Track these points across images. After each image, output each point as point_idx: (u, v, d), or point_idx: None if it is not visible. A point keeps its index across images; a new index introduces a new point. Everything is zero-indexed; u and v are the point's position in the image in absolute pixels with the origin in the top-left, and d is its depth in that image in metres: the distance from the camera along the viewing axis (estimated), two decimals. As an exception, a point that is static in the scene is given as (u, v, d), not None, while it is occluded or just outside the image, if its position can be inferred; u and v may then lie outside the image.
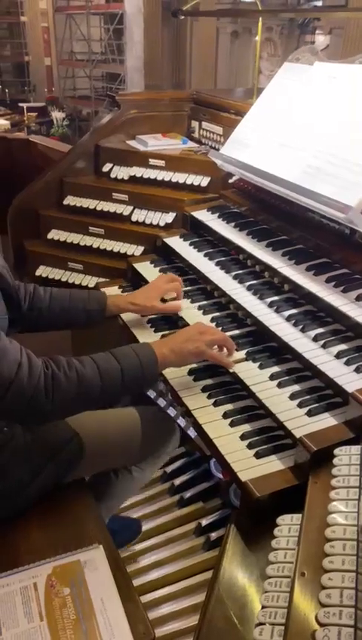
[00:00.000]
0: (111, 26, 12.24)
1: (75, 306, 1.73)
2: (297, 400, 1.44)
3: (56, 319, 1.73)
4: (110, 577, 1.36)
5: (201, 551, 2.07)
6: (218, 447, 1.40)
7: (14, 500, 1.49)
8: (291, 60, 2.10)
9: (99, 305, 1.76)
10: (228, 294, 1.84)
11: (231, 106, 2.44)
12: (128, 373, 1.40)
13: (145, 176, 2.53)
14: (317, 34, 12.63)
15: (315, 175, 1.67)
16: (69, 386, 1.32)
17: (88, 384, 1.34)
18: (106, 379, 1.37)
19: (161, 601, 1.92)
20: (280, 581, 1.10)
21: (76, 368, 1.34)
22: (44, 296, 1.72)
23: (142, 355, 1.44)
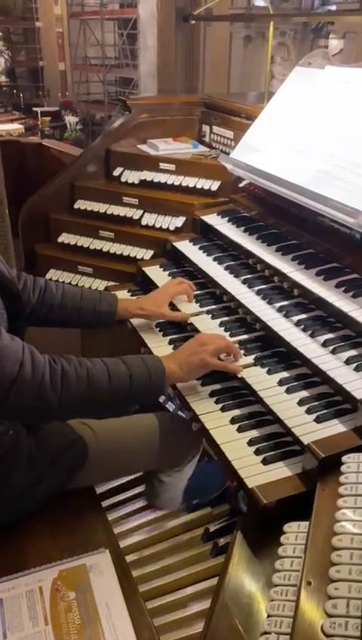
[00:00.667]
0: (125, 31, 12.32)
1: (86, 306, 1.73)
2: (306, 406, 1.43)
3: (66, 316, 1.72)
4: (116, 582, 1.36)
5: (209, 557, 2.05)
6: (225, 452, 1.39)
7: (18, 504, 1.48)
8: (302, 63, 2.09)
9: (110, 307, 1.75)
10: (237, 299, 1.83)
11: (242, 110, 2.44)
12: (136, 381, 1.40)
13: (156, 180, 2.53)
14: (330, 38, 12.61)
15: (325, 179, 1.66)
16: (79, 384, 1.32)
17: (97, 385, 1.35)
18: (115, 382, 1.37)
19: (167, 607, 1.90)
20: (286, 590, 1.09)
21: (87, 367, 1.35)
22: (56, 292, 1.72)
23: (151, 366, 1.45)
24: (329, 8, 11.47)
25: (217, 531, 2.09)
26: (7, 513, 1.48)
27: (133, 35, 12.09)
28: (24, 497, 1.48)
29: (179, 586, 1.96)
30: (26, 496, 1.48)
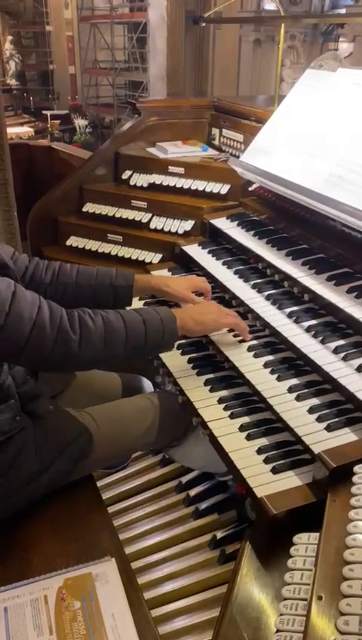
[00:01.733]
0: (134, 34, 12.33)
1: (102, 282, 1.69)
2: (316, 414, 1.40)
3: (82, 294, 1.69)
4: (122, 592, 1.33)
5: (216, 564, 2.02)
6: (233, 461, 1.37)
7: (24, 492, 1.48)
8: (314, 66, 2.07)
9: (126, 281, 1.71)
10: (246, 304, 1.80)
11: (252, 113, 2.42)
12: (149, 324, 1.45)
13: (165, 183, 2.52)
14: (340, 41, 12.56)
15: (337, 183, 1.64)
16: (96, 327, 1.35)
17: (113, 328, 1.38)
18: (130, 327, 1.41)
19: (173, 615, 1.87)
20: (296, 604, 1.06)
21: (101, 314, 1.38)
22: (71, 272, 1.70)
23: (161, 312, 1.51)
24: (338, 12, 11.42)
25: (224, 538, 2.06)
26: (12, 500, 1.47)
27: (142, 38, 12.10)
28: (31, 483, 1.48)
29: (184, 594, 1.93)
30: (33, 482, 1.48)
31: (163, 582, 1.98)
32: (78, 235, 2.59)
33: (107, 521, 1.56)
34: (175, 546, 2.10)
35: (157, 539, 2.12)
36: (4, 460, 1.44)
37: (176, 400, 1.76)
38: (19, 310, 1.27)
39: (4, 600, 1.31)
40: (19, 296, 1.29)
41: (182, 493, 2.30)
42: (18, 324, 1.27)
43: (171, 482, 2.31)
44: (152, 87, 12.14)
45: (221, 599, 1.85)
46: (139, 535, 2.12)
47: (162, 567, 2.04)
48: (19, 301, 1.28)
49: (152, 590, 1.94)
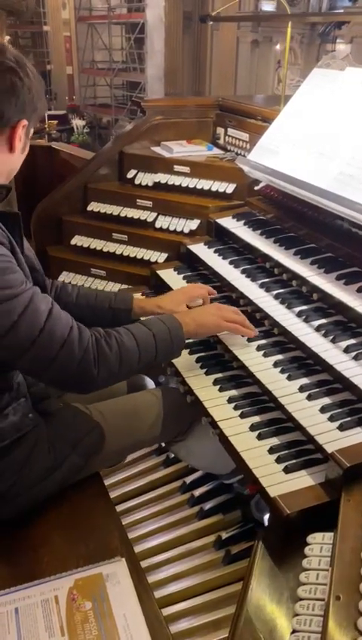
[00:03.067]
0: (132, 35, 12.31)
1: (101, 305, 1.74)
2: (328, 413, 1.40)
3: (82, 315, 1.70)
4: (133, 592, 1.32)
5: (221, 565, 2.01)
6: (245, 460, 1.36)
7: (37, 489, 1.49)
8: (321, 65, 2.07)
9: (125, 305, 1.74)
10: (254, 303, 1.80)
11: (258, 112, 2.42)
12: (160, 338, 1.46)
13: (170, 182, 2.51)
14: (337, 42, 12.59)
15: (348, 182, 1.63)
16: (112, 354, 1.36)
17: (127, 348, 1.39)
18: (142, 344, 1.43)
19: (178, 615, 1.86)
20: (313, 604, 1.05)
21: (114, 335, 1.39)
22: (72, 292, 1.74)
23: (167, 321, 1.52)
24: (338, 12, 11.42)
25: (229, 539, 2.06)
26: (26, 497, 1.47)
27: (140, 39, 12.08)
28: (44, 480, 1.49)
29: (190, 595, 1.92)
30: (46, 478, 1.49)
31: (168, 583, 1.98)
32: (83, 234, 2.58)
33: (116, 522, 1.55)
34: (180, 547, 2.09)
35: (161, 539, 2.12)
36: (18, 458, 1.45)
37: (179, 394, 1.77)
38: (53, 328, 1.28)
39: (14, 601, 1.30)
40: (55, 315, 1.30)
41: (187, 494, 2.29)
42: (49, 342, 1.28)
43: (175, 482, 2.31)
44: (150, 87, 12.13)
45: (226, 600, 1.86)
46: (144, 535, 2.12)
47: (167, 567, 2.03)
48: (54, 319, 1.29)
49: (157, 591, 1.93)
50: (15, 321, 1.23)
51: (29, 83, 1.31)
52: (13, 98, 1.28)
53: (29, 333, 1.25)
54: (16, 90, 1.28)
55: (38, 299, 1.28)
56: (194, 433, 1.85)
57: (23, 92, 1.30)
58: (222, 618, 1.79)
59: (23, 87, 1.30)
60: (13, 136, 1.33)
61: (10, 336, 1.24)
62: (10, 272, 1.25)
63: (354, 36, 11.74)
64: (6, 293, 1.23)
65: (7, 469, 1.43)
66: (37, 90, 1.34)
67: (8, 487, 1.43)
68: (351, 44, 12.08)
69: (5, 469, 1.43)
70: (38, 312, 1.27)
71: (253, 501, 2.10)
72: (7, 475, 1.43)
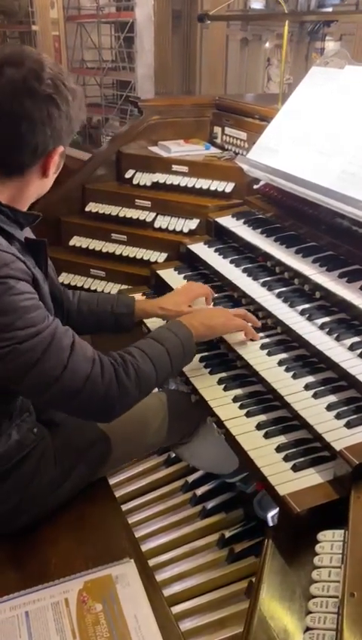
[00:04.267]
0: (121, 34, 12.24)
1: (103, 309, 1.72)
2: (334, 411, 1.40)
3: (84, 322, 1.72)
4: (143, 593, 1.32)
5: (224, 563, 2.02)
6: (253, 459, 1.37)
7: (46, 501, 1.48)
8: (320, 63, 2.07)
9: (127, 308, 1.73)
10: (257, 302, 1.80)
11: (256, 111, 2.42)
12: (173, 353, 1.44)
13: (168, 182, 2.50)
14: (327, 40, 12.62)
15: (351, 181, 1.64)
16: (130, 383, 1.33)
17: (145, 375, 1.37)
18: (158, 365, 1.40)
19: (184, 614, 1.86)
20: (326, 601, 1.06)
21: (132, 363, 1.35)
22: (73, 299, 1.72)
23: (180, 333, 1.49)
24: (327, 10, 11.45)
25: (232, 537, 2.06)
26: (36, 510, 1.47)
27: (129, 38, 12.02)
28: (54, 492, 1.48)
29: (194, 594, 1.92)
30: (55, 491, 1.48)
31: (172, 582, 1.98)
32: (82, 235, 2.57)
33: (123, 522, 1.55)
34: (183, 546, 2.09)
35: (164, 539, 2.11)
36: (26, 473, 1.43)
37: (184, 397, 1.77)
38: (76, 364, 1.26)
39: (24, 604, 1.30)
40: (77, 350, 1.28)
41: (189, 493, 2.29)
42: (72, 379, 1.26)
43: (177, 482, 2.31)
44: (140, 86, 12.08)
45: (231, 598, 1.86)
46: (147, 535, 2.12)
47: (171, 567, 2.03)
48: (76, 355, 1.27)
49: (162, 590, 1.92)
50: (38, 358, 1.21)
51: (66, 110, 1.25)
52: (49, 128, 1.24)
53: (53, 370, 1.23)
54: (53, 121, 1.24)
55: (60, 334, 1.26)
56: (199, 434, 1.84)
57: (60, 120, 1.25)
58: (227, 616, 1.80)
59: (60, 116, 1.25)
60: (48, 163, 1.30)
61: (33, 374, 1.22)
62: (33, 309, 1.23)
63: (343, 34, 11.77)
64: (30, 332, 1.20)
65: (15, 485, 1.42)
66: (75, 113, 1.29)
67: (18, 502, 1.42)
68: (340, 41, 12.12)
69: (13, 485, 1.42)
70: (61, 348, 1.25)
71: (256, 499, 2.10)
72: (15, 491, 1.42)
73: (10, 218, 1.29)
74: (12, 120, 1.20)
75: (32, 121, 1.21)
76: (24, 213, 1.33)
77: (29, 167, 1.28)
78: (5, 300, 1.18)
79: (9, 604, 1.30)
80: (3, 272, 1.19)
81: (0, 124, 1.21)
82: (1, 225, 1.26)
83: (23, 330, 1.20)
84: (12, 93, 1.19)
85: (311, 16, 3.43)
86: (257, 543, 1.93)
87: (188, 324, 1.53)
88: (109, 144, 2.74)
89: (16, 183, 1.29)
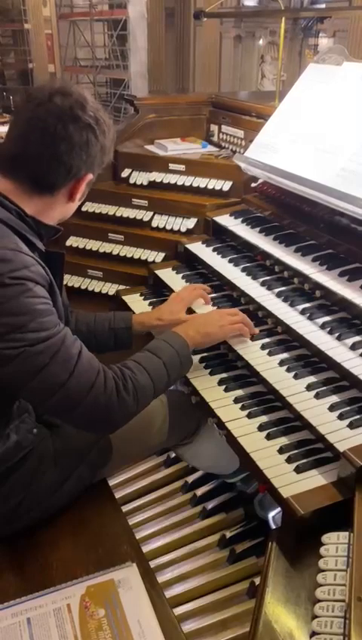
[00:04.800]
0: (114, 32, 12.23)
1: (101, 327, 1.73)
2: (337, 411, 1.39)
3: (83, 341, 1.70)
4: (146, 597, 1.31)
5: (226, 564, 2.01)
6: (256, 461, 1.35)
7: (46, 503, 1.47)
8: (317, 60, 2.06)
9: (125, 323, 1.74)
10: (257, 301, 1.79)
11: (253, 109, 2.40)
12: (170, 365, 1.45)
13: (165, 181, 2.49)
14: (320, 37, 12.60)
15: (351, 179, 1.63)
16: (129, 397, 1.34)
17: (143, 388, 1.38)
18: (156, 378, 1.41)
19: (186, 616, 1.85)
20: (332, 605, 1.05)
21: (130, 377, 1.36)
22: (71, 319, 1.71)
23: (176, 344, 1.50)
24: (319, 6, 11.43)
25: (233, 538, 2.05)
26: (37, 511, 1.46)
27: (123, 35, 12.01)
28: (54, 494, 1.47)
29: (196, 595, 1.92)
30: (56, 492, 1.48)
31: (174, 583, 1.97)
32: (78, 235, 2.54)
33: (125, 526, 1.53)
34: (184, 547, 2.08)
35: (165, 540, 2.11)
36: (25, 475, 1.43)
37: (184, 398, 1.76)
38: (81, 373, 1.27)
39: (26, 610, 1.28)
40: (84, 359, 1.29)
41: (189, 493, 2.28)
42: (77, 387, 1.27)
43: (177, 482, 2.30)
44: (134, 84, 12.07)
45: (233, 599, 1.85)
46: (148, 537, 2.11)
47: (172, 568, 2.02)
48: (83, 364, 1.28)
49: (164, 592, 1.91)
50: (47, 363, 1.22)
51: (102, 141, 1.35)
52: (85, 154, 1.31)
53: (59, 376, 1.24)
54: (90, 147, 1.32)
55: (69, 342, 1.28)
56: (200, 435, 1.83)
57: (95, 149, 1.33)
58: (229, 617, 1.79)
59: (97, 145, 1.33)
60: (76, 188, 1.36)
61: (40, 378, 1.23)
62: (47, 314, 1.25)
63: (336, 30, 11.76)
64: (41, 336, 1.22)
65: (15, 486, 1.41)
66: (108, 148, 1.39)
67: (18, 504, 1.42)
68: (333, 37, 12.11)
69: (13, 486, 1.41)
70: (69, 355, 1.26)
71: (256, 499, 2.09)
72: (15, 493, 1.41)
73: (32, 229, 1.33)
74: (54, 140, 1.28)
75: (71, 143, 1.29)
76: (46, 226, 1.37)
77: (59, 187, 1.34)
78: (21, 302, 1.20)
79: (10, 610, 1.28)
80: (22, 273, 1.21)
81: (43, 142, 1.28)
82: (25, 233, 1.29)
83: (35, 333, 1.21)
84: (58, 117, 1.28)
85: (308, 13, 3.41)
86: (258, 543, 1.93)
87: (184, 333, 1.54)
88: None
89: (45, 201, 1.34)
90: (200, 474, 2.32)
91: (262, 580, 1.19)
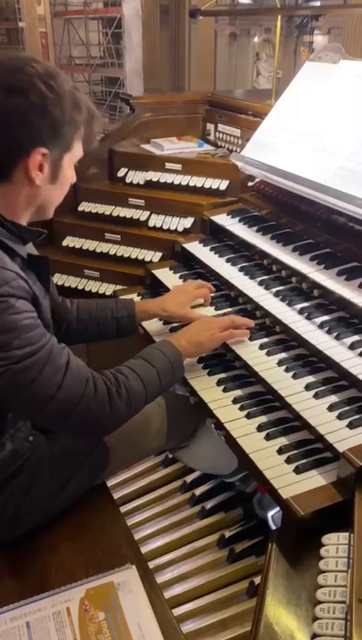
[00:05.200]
0: (109, 30, 12.19)
1: (104, 315, 1.70)
2: (336, 411, 1.39)
3: (85, 330, 1.70)
4: (145, 600, 1.30)
5: (225, 563, 2.00)
6: (255, 462, 1.34)
7: (45, 510, 1.46)
8: (313, 58, 2.05)
9: (128, 311, 1.72)
10: (255, 301, 1.78)
11: (250, 107, 2.39)
12: (162, 373, 1.44)
13: (162, 180, 2.48)
14: (315, 34, 12.60)
15: (349, 178, 1.62)
16: (122, 403, 1.33)
17: (136, 395, 1.37)
18: (148, 385, 1.40)
19: (186, 616, 1.85)
20: (333, 607, 1.04)
21: (124, 383, 1.35)
22: (71, 308, 1.70)
23: (168, 353, 1.49)
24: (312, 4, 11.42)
25: (233, 537, 2.05)
26: (36, 518, 1.45)
27: (117, 34, 11.96)
28: (53, 500, 1.46)
29: (196, 595, 1.91)
30: (55, 498, 1.46)
31: (173, 584, 1.96)
32: (75, 235, 2.53)
33: (124, 528, 1.53)
34: (183, 547, 2.08)
35: (164, 540, 2.10)
36: (22, 483, 1.41)
37: (182, 400, 1.74)
38: (70, 383, 1.25)
39: (25, 615, 1.27)
40: (73, 369, 1.27)
41: (187, 493, 2.28)
42: (67, 398, 1.25)
43: (175, 482, 2.29)
44: (129, 82, 12.03)
45: (233, 599, 1.85)
46: (146, 537, 2.10)
47: (171, 568, 2.02)
48: (71, 374, 1.26)
49: (163, 592, 1.91)
50: (34, 378, 1.20)
51: (42, 106, 1.17)
52: (23, 125, 1.17)
53: (48, 389, 1.22)
54: (27, 117, 1.17)
55: (56, 353, 1.25)
56: (198, 437, 1.83)
57: (36, 118, 1.18)
58: (229, 617, 1.79)
59: (36, 113, 1.17)
60: (26, 167, 1.21)
61: (28, 393, 1.21)
62: (32, 328, 1.21)
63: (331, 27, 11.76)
64: (26, 352, 1.19)
65: (12, 495, 1.40)
66: (61, 114, 1.21)
67: (15, 512, 1.41)
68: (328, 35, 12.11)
69: (11, 495, 1.40)
70: (56, 367, 1.24)
71: (255, 498, 2.09)
72: (13, 501, 1.40)
73: (12, 233, 1.27)
74: None
75: (3, 117, 1.16)
76: (28, 229, 1.32)
77: (10, 170, 1.22)
78: (5, 319, 1.17)
79: (9, 614, 1.27)
80: (3, 290, 1.17)
81: None
82: (3, 239, 1.23)
83: (20, 350, 1.18)
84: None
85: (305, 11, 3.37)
86: (258, 542, 1.93)
87: (177, 343, 1.53)
88: (101, 142, 2.70)
89: (6, 190, 1.24)
90: (199, 473, 2.32)
91: (262, 582, 1.18)
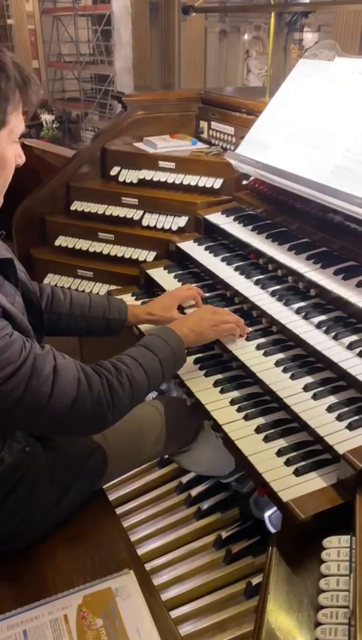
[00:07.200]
0: (99, 27, 12.13)
1: (96, 314, 1.69)
2: (336, 412, 1.37)
3: (75, 325, 1.68)
4: (144, 606, 1.29)
5: (223, 564, 1.99)
6: (254, 464, 1.33)
7: (45, 520, 1.43)
8: (308, 56, 2.03)
9: (120, 314, 1.71)
10: (251, 301, 1.76)
11: (243, 105, 2.37)
12: (165, 361, 1.42)
13: (155, 179, 2.45)
14: (305, 31, 12.60)
15: (345, 176, 1.60)
16: (124, 394, 1.31)
17: (139, 384, 1.35)
18: (151, 374, 1.38)
19: (183, 618, 1.84)
20: (336, 612, 1.03)
21: (126, 373, 1.33)
22: (64, 300, 1.67)
23: (170, 340, 1.47)
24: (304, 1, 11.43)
25: (229, 538, 2.03)
26: (36, 529, 1.43)
27: (107, 31, 11.91)
28: (51, 511, 1.43)
29: (193, 597, 1.90)
30: (53, 510, 1.44)
31: (170, 585, 1.95)
32: (68, 234, 2.51)
33: (121, 533, 1.51)
34: (179, 548, 2.06)
35: (161, 542, 2.08)
36: (21, 496, 1.38)
37: (182, 404, 1.72)
38: (61, 389, 1.22)
39: (22, 622, 1.25)
40: (61, 373, 1.23)
41: (183, 494, 2.26)
42: (60, 405, 1.22)
43: (171, 483, 2.27)
44: (119, 80, 11.99)
45: (230, 600, 1.84)
46: (143, 539, 2.08)
47: (168, 570, 2.00)
48: (60, 378, 1.22)
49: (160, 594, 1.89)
50: (22, 395, 1.17)
51: None
52: None
53: (39, 402, 1.19)
54: None
55: (40, 364, 1.20)
56: (198, 442, 1.81)
57: None
58: (226, 619, 1.77)
59: None
60: None
61: (18, 409, 1.18)
62: (8, 347, 1.16)
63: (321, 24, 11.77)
64: (7, 372, 1.15)
65: (12, 508, 1.37)
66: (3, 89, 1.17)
67: (16, 525, 1.38)
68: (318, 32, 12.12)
69: (11, 509, 1.37)
70: (43, 378, 1.19)
71: (252, 498, 2.08)
72: (13, 514, 1.37)
73: None
74: None
75: None
76: None
77: None
78: None
79: (6, 622, 1.25)
80: None
81: None
82: None
83: (2, 371, 1.14)
84: None
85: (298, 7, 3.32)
86: (255, 542, 1.92)
87: (178, 331, 1.51)
88: (93, 141, 2.68)
89: None
90: (195, 474, 2.30)
91: (263, 587, 1.17)
